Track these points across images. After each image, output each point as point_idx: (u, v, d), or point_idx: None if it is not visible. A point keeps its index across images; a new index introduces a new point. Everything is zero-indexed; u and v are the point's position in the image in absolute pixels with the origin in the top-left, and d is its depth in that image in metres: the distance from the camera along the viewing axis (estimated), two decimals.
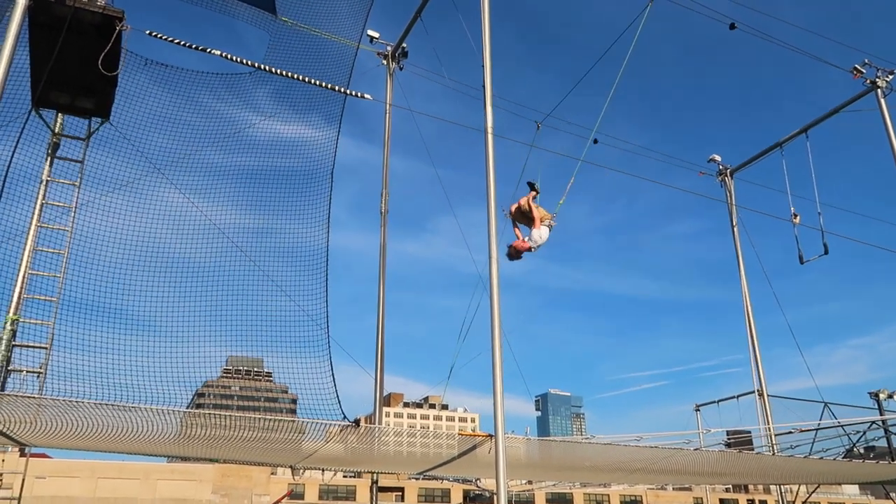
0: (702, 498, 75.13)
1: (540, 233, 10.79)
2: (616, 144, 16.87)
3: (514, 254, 10.81)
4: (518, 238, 10.91)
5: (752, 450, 16.13)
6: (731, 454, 13.21)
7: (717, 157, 19.29)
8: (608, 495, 78.36)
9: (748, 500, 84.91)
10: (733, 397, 18.77)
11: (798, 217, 16.36)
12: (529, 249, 10.80)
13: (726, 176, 19.24)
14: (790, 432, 15.33)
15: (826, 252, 15.77)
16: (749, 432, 18.02)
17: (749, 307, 18.12)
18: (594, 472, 14.39)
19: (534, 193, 11.04)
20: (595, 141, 16.41)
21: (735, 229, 18.88)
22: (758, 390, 17.50)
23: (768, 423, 16.70)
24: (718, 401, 19.50)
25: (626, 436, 10.58)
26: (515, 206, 11.06)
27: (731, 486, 76.82)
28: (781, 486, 18.59)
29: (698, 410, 20.49)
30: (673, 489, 77.21)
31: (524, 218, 11.00)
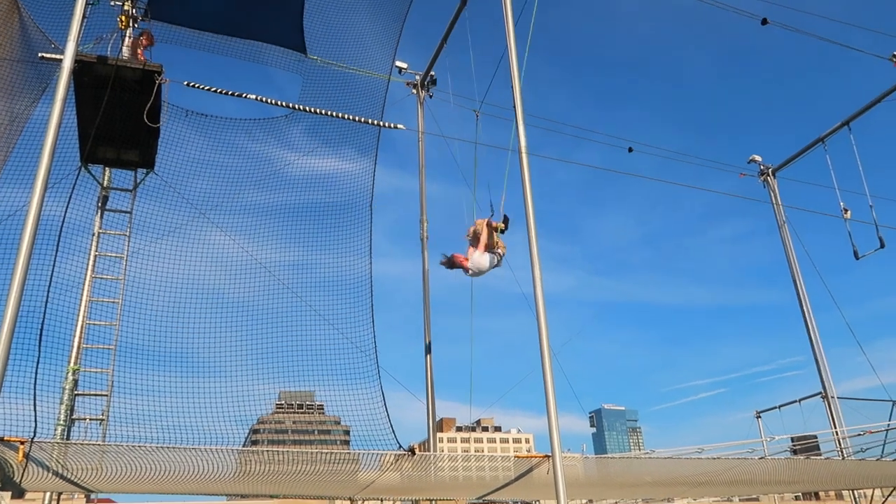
0: None
1: (481, 258, 9.88)
2: (652, 152, 16.72)
3: (448, 263, 10.04)
4: (464, 253, 10.04)
5: (820, 455, 15.55)
6: (798, 461, 12.76)
7: (758, 157, 18.93)
8: None
9: None
10: (796, 401, 18.17)
11: (849, 212, 15.90)
12: (465, 269, 9.98)
13: (768, 176, 18.84)
14: (859, 434, 14.74)
15: (882, 245, 15.27)
16: (815, 437, 17.38)
17: (808, 307, 17.58)
18: (656, 487, 14.04)
19: (500, 226, 10.15)
20: (630, 149, 16.30)
21: (783, 229, 18.43)
22: (822, 393, 16.92)
23: (835, 427, 16.10)
24: (780, 406, 18.90)
25: (687, 448, 10.32)
26: (477, 223, 10.22)
27: (800, 493, 74.01)
28: (855, 492, 17.84)
29: (759, 417, 19.88)
30: (739, 500, 74.74)
31: (475, 238, 10.11)
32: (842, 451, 15.07)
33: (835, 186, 16.40)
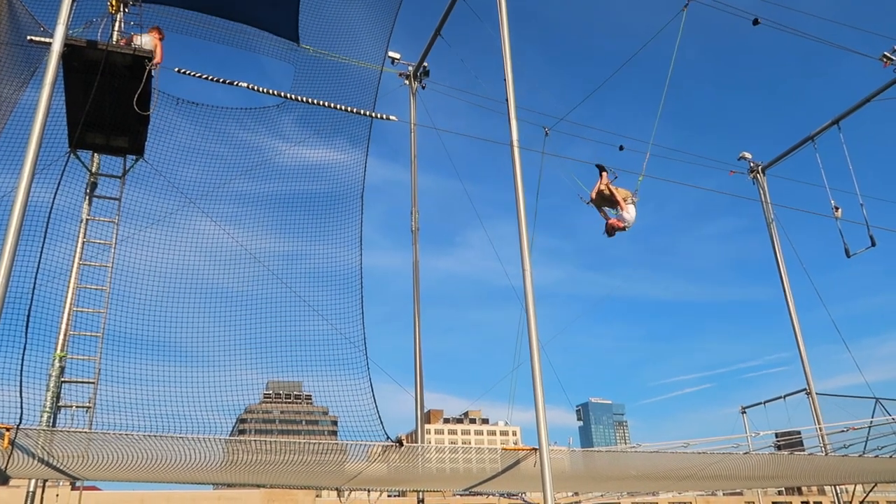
0: (753, 502, 73.27)
1: (629, 212, 11.17)
2: (642, 148, 16.74)
3: (611, 231, 11.24)
4: (610, 218, 11.30)
5: (804, 451, 15.71)
6: (782, 456, 12.89)
7: (748, 155, 19.01)
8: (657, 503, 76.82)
9: (802, 503, 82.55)
10: (780, 397, 18.33)
11: (840, 210, 15.98)
12: (623, 228, 11.19)
13: (758, 173, 18.92)
14: (842, 431, 14.89)
15: (873, 244, 15.35)
16: (799, 433, 17.54)
17: (792, 305, 17.72)
18: (641, 481, 14.14)
19: (606, 175, 11.33)
20: (621, 147, 16.32)
21: (771, 227, 18.54)
22: (806, 389, 17.08)
23: (818, 423, 16.26)
24: (765, 402, 19.06)
25: (673, 443, 10.41)
26: (595, 191, 11.42)
27: (783, 488, 74.81)
28: (837, 487, 18.04)
29: (745, 413, 20.03)
30: (723, 494, 75.43)
31: (607, 202, 11.38)
32: (825, 447, 15.23)
33: (825, 185, 16.51)
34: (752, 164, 19.01)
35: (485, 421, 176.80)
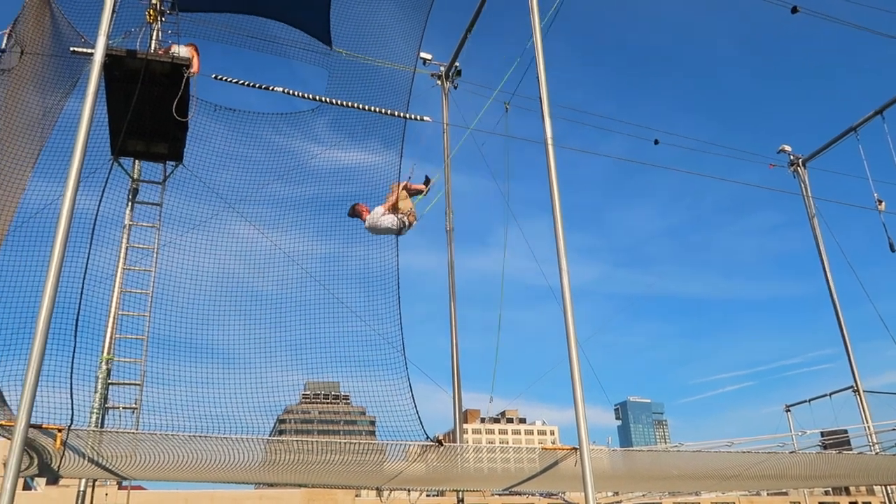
0: (799, 502, 71.59)
1: (381, 217, 10.09)
2: (678, 143, 16.51)
3: (351, 211, 10.45)
4: (377, 208, 10.25)
5: (852, 450, 15.30)
6: (829, 456, 12.56)
7: (788, 147, 18.58)
8: (699, 503, 75.59)
9: (850, 503, 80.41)
10: (826, 395, 17.90)
11: (883, 203, 15.53)
12: (362, 219, 10.21)
13: (798, 166, 18.49)
14: (893, 429, 14.47)
15: None
16: (846, 431, 17.10)
17: (837, 300, 17.26)
18: (683, 480, 13.92)
19: (421, 187, 10.37)
20: (656, 141, 16.09)
21: (813, 221, 18.09)
22: (853, 387, 16.63)
23: (867, 421, 15.82)
24: (810, 400, 18.63)
25: (716, 442, 10.23)
26: (399, 185, 10.45)
27: (830, 488, 72.99)
28: (887, 487, 17.53)
29: (789, 411, 19.61)
30: (768, 494, 73.89)
31: (394, 209, 10.39)
32: (874, 446, 14.81)
33: (868, 177, 16.06)
34: (792, 157, 18.58)
35: (522, 420, 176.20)
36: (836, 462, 12.63)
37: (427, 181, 10.63)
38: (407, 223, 10.30)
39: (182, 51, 9.86)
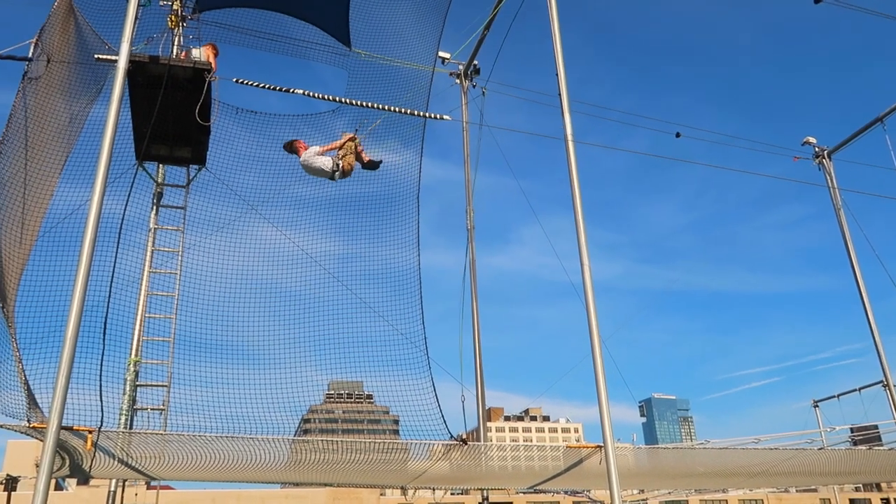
0: (829, 499, 70.50)
1: (316, 157, 9.83)
2: (701, 136, 16.34)
3: (288, 146, 10.12)
4: (314, 147, 9.98)
5: (882, 446, 15.05)
6: (859, 452, 12.37)
7: (812, 139, 18.31)
8: (726, 501, 74.76)
9: (882, 499, 79.00)
10: (855, 390, 17.62)
11: None
12: (298, 155, 9.94)
13: (824, 158, 18.21)
14: None
15: None
16: (876, 427, 16.82)
17: (865, 294, 16.97)
18: (710, 478, 13.80)
19: (366, 157, 10.16)
20: (678, 134, 15.92)
21: (840, 213, 17.80)
22: (882, 381, 16.35)
23: None
24: (839, 395, 18.37)
25: (743, 438, 10.12)
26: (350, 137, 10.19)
27: (861, 485, 71.78)
28: None
29: (817, 406, 19.36)
30: (797, 491, 72.84)
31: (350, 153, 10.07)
32: None
33: (895, 168, 15.76)
34: (817, 150, 18.30)
35: (546, 418, 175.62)
36: (866, 458, 12.43)
37: (377, 164, 10.49)
38: (340, 169, 10.00)
39: (200, 52, 9.95)
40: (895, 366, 16.47)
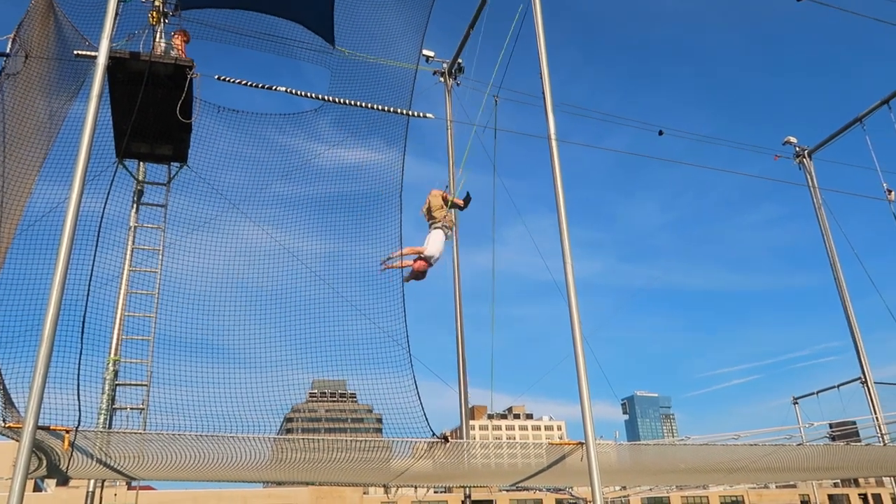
0: (808, 494, 71.40)
1: (435, 244, 9.55)
2: (683, 135, 16.44)
3: (414, 276, 9.68)
4: (412, 263, 9.63)
5: (861, 442, 15.26)
6: (837, 448, 12.54)
7: (793, 139, 18.51)
8: (707, 497, 75.54)
9: (860, 495, 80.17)
10: (834, 387, 17.84)
11: (893, 193, 15.46)
12: (430, 265, 9.56)
13: (804, 157, 18.42)
14: None
15: None
16: (854, 423, 17.06)
17: (845, 291, 17.19)
18: (691, 474, 13.93)
19: (460, 203, 10.05)
20: (661, 132, 16.01)
21: (820, 212, 18.02)
22: (861, 378, 16.58)
23: (876, 413, 15.77)
24: (818, 392, 18.58)
25: (723, 435, 10.21)
26: (427, 204, 9.97)
27: (839, 480, 72.76)
28: None
29: (796, 403, 19.57)
30: (776, 487, 73.75)
31: (429, 216, 9.91)
32: (882, 437, 14.77)
33: (876, 168, 15.98)
34: (797, 149, 18.51)
35: (529, 416, 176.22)
36: (844, 454, 12.60)
37: (468, 199, 10.33)
38: (449, 228, 9.94)
39: (166, 46, 9.82)
40: (874, 363, 16.72)
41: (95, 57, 7.10)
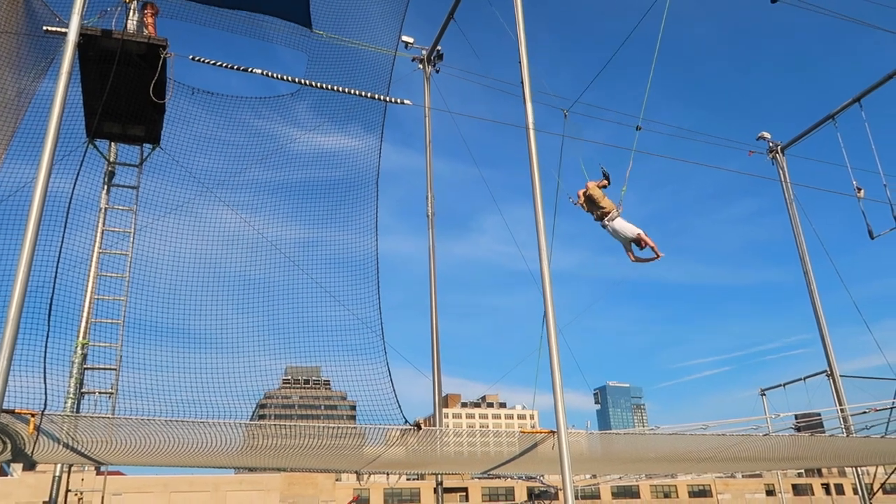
0: (773, 484, 73.05)
1: (625, 224, 10.87)
2: (660, 129, 16.56)
3: (645, 259, 11.08)
4: (638, 252, 11.04)
5: (825, 432, 15.61)
6: (802, 438, 12.81)
7: (767, 135, 18.74)
8: (675, 486, 76.96)
9: (822, 485, 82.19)
10: (800, 379, 18.22)
11: (862, 191, 15.72)
12: (641, 238, 10.88)
13: (777, 153, 18.67)
14: (864, 412, 14.76)
15: None
16: (819, 415, 17.44)
17: (814, 286, 17.52)
18: (659, 463, 14.14)
19: (605, 183, 10.99)
20: (638, 128, 16.12)
21: (791, 208, 18.30)
22: (826, 371, 16.94)
23: (840, 404, 16.13)
24: (785, 384, 18.96)
25: (692, 425, 10.36)
26: (584, 191, 11.08)
27: (803, 470, 74.50)
28: (858, 469, 17.94)
29: (764, 395, 19.95)
30: (742, 476, 75.32)
31: (594, 206, 11.05)
32: (846, 429, 15.12)
33: (847, 165, 16.24)
34: (771, 144, 18.75)
35: (502, 405, 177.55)
36: (808, 444, 12.87)
37: (605, 175, 11.15)
38: (619, 212, 11.08)
39: (141, 23, 9.65)
40: (840, 357, 17.09)
41: (66, 34, 6.95)
